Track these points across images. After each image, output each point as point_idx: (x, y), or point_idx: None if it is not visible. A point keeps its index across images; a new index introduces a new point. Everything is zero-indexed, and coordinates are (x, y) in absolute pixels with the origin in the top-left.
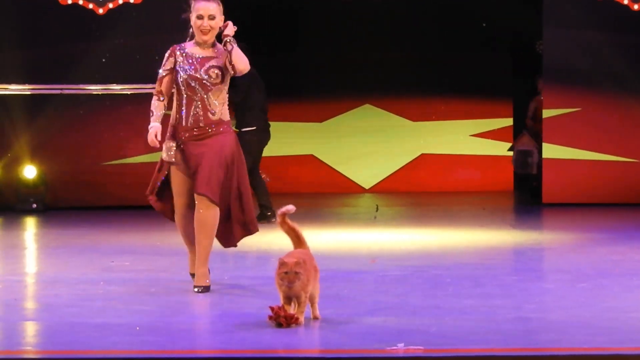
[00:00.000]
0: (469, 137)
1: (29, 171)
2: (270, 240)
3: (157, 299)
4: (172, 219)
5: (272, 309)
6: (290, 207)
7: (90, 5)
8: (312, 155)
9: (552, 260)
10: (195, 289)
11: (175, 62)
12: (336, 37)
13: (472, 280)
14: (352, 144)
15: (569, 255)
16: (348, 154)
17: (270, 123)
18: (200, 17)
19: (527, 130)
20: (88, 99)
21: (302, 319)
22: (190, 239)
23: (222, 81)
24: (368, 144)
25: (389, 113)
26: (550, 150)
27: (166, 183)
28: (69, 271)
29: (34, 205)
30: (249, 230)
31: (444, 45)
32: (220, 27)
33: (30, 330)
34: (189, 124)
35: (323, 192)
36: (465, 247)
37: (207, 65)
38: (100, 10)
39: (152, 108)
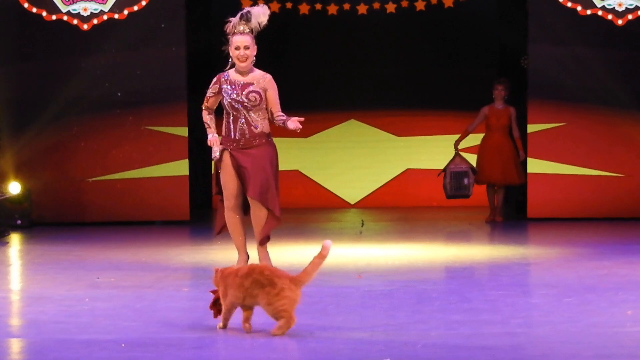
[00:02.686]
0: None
1: (14, 187)
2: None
3: (143, 314)
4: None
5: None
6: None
7: (75, 21)
8: (297, 171)
9: (538, 275)
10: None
11: (220, 87)
12: (321, 52)
13: (458, 295)
14: (338, 159)
15: (555, 269)
16: (333, 169)
17: None
18: (237, 48)
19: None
20: (74, 114)
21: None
22: (237, 241)
23: (260, 103)
24: (353, 159)
25: (374, 128)
26: (535, 165)
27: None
28: (55, 287)
29: (19, 222)
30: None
31: (430, 60)
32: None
33: (16, 347)
34: (236, 137)
35: (309, 208)
36: (451, 262)
37: (247, 90)
38: (85, 26)
39: (207, 121)
